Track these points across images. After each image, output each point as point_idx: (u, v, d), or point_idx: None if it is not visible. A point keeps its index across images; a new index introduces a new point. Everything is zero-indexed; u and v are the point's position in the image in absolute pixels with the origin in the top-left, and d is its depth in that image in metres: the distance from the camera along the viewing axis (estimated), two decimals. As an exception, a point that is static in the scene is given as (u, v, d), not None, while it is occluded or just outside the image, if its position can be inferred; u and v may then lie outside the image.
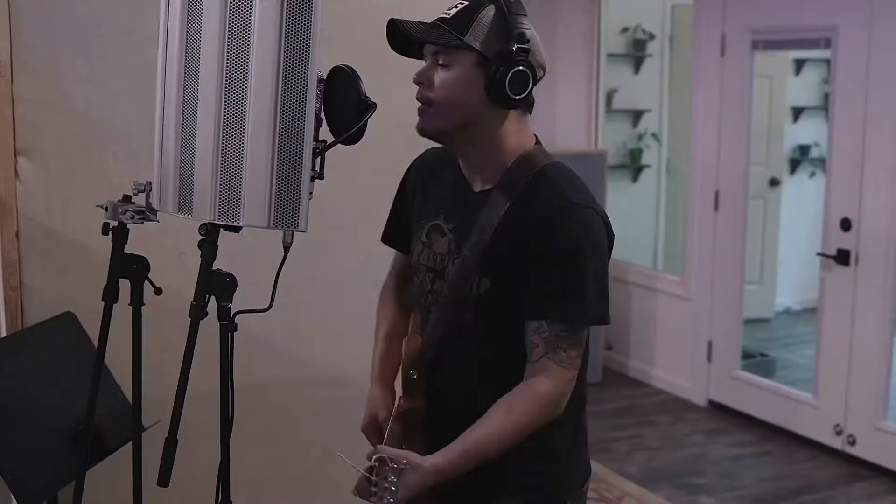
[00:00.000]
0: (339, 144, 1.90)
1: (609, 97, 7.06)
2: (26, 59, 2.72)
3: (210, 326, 2.05)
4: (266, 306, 2.04)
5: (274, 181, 1.77)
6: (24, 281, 2.79)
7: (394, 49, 2.00)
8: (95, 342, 2.64)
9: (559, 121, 6.86)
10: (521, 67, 1.93)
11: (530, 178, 1.98)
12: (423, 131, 2.00)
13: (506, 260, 1.95)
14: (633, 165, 7.35)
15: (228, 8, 1.74)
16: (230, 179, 1.78)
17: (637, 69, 7.27)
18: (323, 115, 1.89)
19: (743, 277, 5.76)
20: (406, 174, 2.27)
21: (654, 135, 7.32)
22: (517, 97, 1.94)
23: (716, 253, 5.83)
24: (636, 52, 7.22)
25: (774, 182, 7.30)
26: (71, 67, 2.77)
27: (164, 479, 1.94)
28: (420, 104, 1.99)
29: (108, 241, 2.48)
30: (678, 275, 6.23)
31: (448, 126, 1.98)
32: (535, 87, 2.00)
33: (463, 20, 1.93)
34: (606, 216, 2.00)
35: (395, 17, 1.96)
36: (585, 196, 1.97)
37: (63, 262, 2.81)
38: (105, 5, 2.79)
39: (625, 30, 7.15)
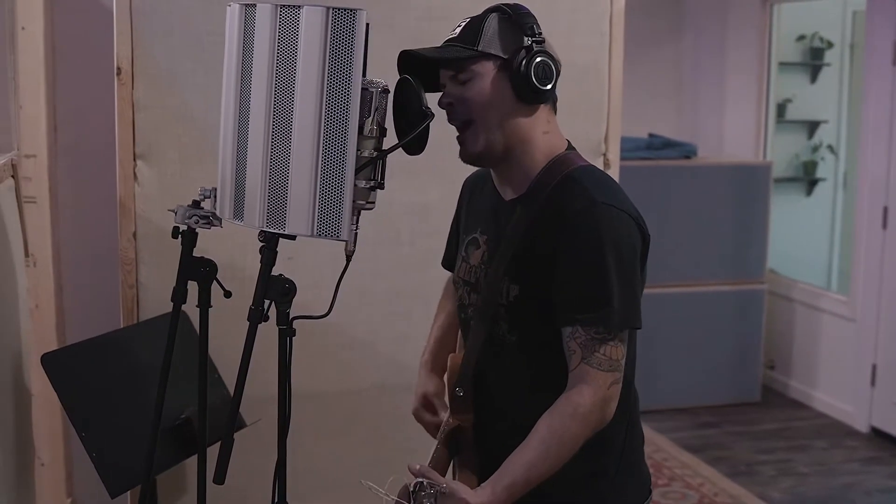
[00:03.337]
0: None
1: (782, 107, 6.82)
2: (146, 67, 2.85)
3: (318, 332, 2.07)
4: (326, 312, 2.03)
5: (317, 191, 1.80)
6: (140, 279, 2.92)
7: None
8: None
9: (727, 131, 6.68)
10: (540, 58, 1.93)
11: (556, 183, 1.96)
12: (470, 155, 2.00)
13: (532, 265, 1.94)
14: (806, 178, 7.07)
15: (278, 26, 1.79)
16: (277, 189, 1.82)
17: (814, 78, 6.99)
18: (387, 126, 1.93)
19: (912, 299, 5.46)
20: (459, 196, 2.29)
21: (829, 147, 7.02)
22: (546, 87, 1.94)
23: (883, 272, 5.54)
24: (813, 61, 6.95)
25: (962, 199, 6.87)
26: (188, 74, 2.88)
27: (219, 477, 1.99)
28: (457, 132, 1.99)
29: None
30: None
31: (491, 137, 1.97)
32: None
33: (471, 34, 1.96)
34: (639, 217, 1.96)
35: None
36: (611, 196, 1.93)
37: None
38: (221, 14, 2.87)
39: (801, 38, 6.89)
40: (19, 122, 3.14)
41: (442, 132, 2.05)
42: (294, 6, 1.78)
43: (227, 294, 2.16)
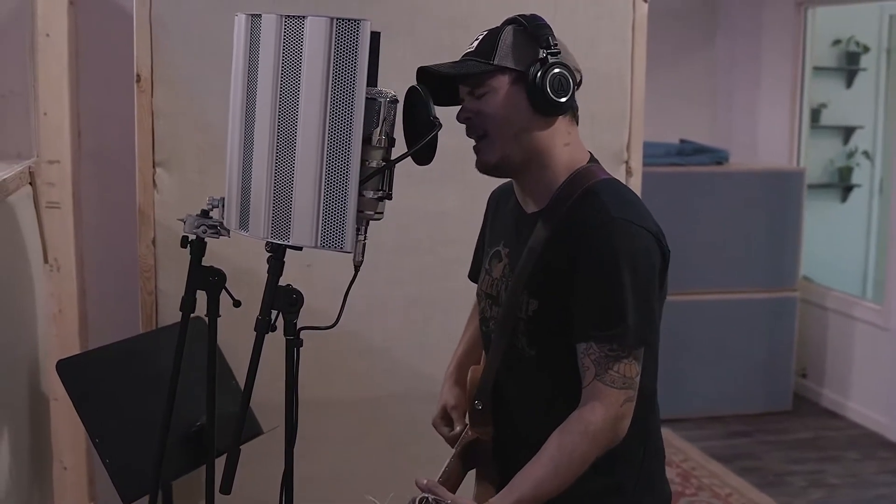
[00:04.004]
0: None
1: (817, 113, 6.73)
2: (165, 74, 2.86)
3: (334, 340, 2.06)
4: (333, 323, 2.01)
5: (321, 202, 1.79)
6: (160, 286, 2.93)
7: None
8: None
9: (761, 136, 6.61)
10: (556, 70, 1.91)
11: (576, 197, 1.94)
12: (485, 165, 2.00)
13: (551, 279, 1.92)
14: (841, 185, 6.98)
15: (282, 36, 1.79)
16: (281, 199, 1.82)
17: (849, 83, 6.90)
18: (397, 136, 1.92)
19: (946, 308, 5.37)
20: (486, 209, 2.28)
21: (865, 153, 6.92)
22: (562, 100, 1.92)
23: (918, 281, 5.46)
24: (848, 66, 6.86)
25: None
26: (207, 82, 2.88)
27: (226, 487, 1.99)
28: (474, 142, 2.00)
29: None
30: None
31: (507, 150, 1.96)
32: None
33: (487, 47, 1.95)
34: (659, 232, 1.93)
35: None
36: (630, 211, 1.92)
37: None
38: (240, 23, 2.89)
39: (836, 42, 6.80)
40: (40, 129, 3.16)
41: (461, 141, 2.04)
42: (298, 16, 1.77)
43: (237, 303, 2.16)
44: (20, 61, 3.00)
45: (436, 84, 1.98)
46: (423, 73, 1.99)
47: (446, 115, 2.05)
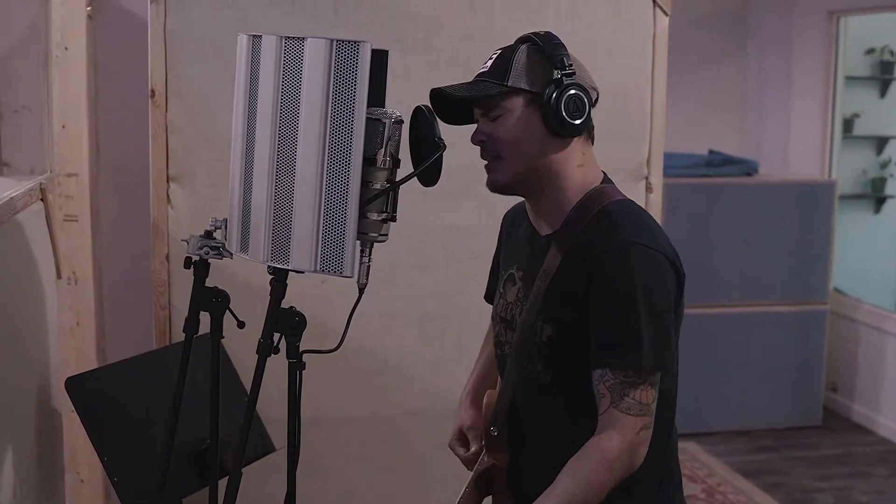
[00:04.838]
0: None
1: (849, 123, 6.64)
2: (180, 89, 2.85)
3: (349, 356, 2.04)
4: (336, 346, 1.99)
5: (320, 226, 1.77)
6: (173, 301, 2.92)
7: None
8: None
9: (792, 147, 6.52)
10: (572, 91, 1.87)
11: (590, 219, 1.90)
12: (495, 185, 1.97)
13: (565, 305, 1.89)
14: (874, 195, 6.87)
15: (282, 58, 1.77)
16: (281, 223, 1.80)
17: (883, 93, 6.79)
18: (403, 156, 1.89)
19: (980, 324, 5.27)
20: (500, 230, 2.24)
21: (899, 163, 6.83)
22: (577, 122, 1.89)
23: (951, 295, 5.37)
24: (882, 75, 6.75)
25: None
26: (220, 97, 2.85)
27: (227, 510, 1.97)
28: (486, 162, 1.97)
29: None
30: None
31: (520, 172, 1.93)
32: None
33: (500, 67, 1.91)
34: (674, 256, 1.90)
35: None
36: (645, 234, 1.88)
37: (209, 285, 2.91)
38: (255, 38, 2.87)
39: (870, 51, 6.70)
40: (55, 143, 3.16)
41: (477, 156, 2.01)
42: (298, 38, 1.75)
43: (241, 325, 2.14)
44: (34, 78, 3.01)
45: (450, 104, 1.95)
46: (436, 94, 1.96)
47: (462, 131, 2.03)
